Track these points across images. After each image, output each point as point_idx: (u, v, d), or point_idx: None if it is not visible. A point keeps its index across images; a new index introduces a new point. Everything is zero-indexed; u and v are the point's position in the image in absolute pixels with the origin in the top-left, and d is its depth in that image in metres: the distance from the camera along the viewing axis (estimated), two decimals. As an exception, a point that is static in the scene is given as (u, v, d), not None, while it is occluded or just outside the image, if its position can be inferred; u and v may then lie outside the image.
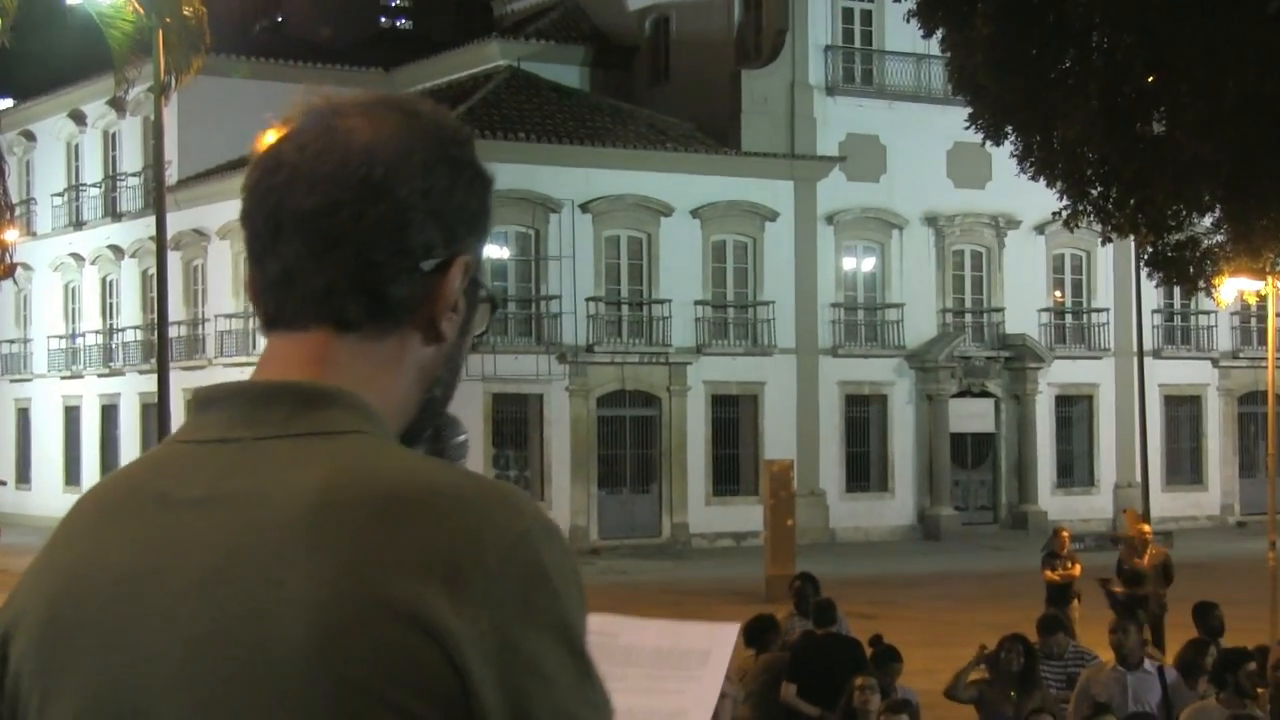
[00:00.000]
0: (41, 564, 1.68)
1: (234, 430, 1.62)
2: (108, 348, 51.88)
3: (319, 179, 1.65)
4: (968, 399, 44.36)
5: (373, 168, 1.64)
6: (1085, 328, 46.47)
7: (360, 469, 1.55)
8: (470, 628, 1.48)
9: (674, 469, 40.85)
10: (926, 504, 43.82)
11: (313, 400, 1.61)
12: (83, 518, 1.67)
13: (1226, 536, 42.70)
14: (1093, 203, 23.90)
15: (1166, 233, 24.35)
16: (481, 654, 1.48)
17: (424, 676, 1.47)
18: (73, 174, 54.52)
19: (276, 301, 1.68)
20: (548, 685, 1.52)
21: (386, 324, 1.67)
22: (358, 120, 1.68)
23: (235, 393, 1.66)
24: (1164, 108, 22.03)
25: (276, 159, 1.69)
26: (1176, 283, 26.92)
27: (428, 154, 1.68)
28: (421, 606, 1.47)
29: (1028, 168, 24.14)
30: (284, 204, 1.66)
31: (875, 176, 43.38)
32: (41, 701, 1.59)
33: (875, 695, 10.55)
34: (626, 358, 40.46)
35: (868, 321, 43.76)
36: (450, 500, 1.54)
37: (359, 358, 1.66)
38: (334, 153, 1.66)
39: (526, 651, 1.51)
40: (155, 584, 1.56)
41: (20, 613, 1.64)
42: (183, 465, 1.63)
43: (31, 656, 1.61)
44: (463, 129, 1.76)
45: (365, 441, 1.60)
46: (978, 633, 16.68)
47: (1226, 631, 13.83)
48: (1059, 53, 22.40)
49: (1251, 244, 23.53)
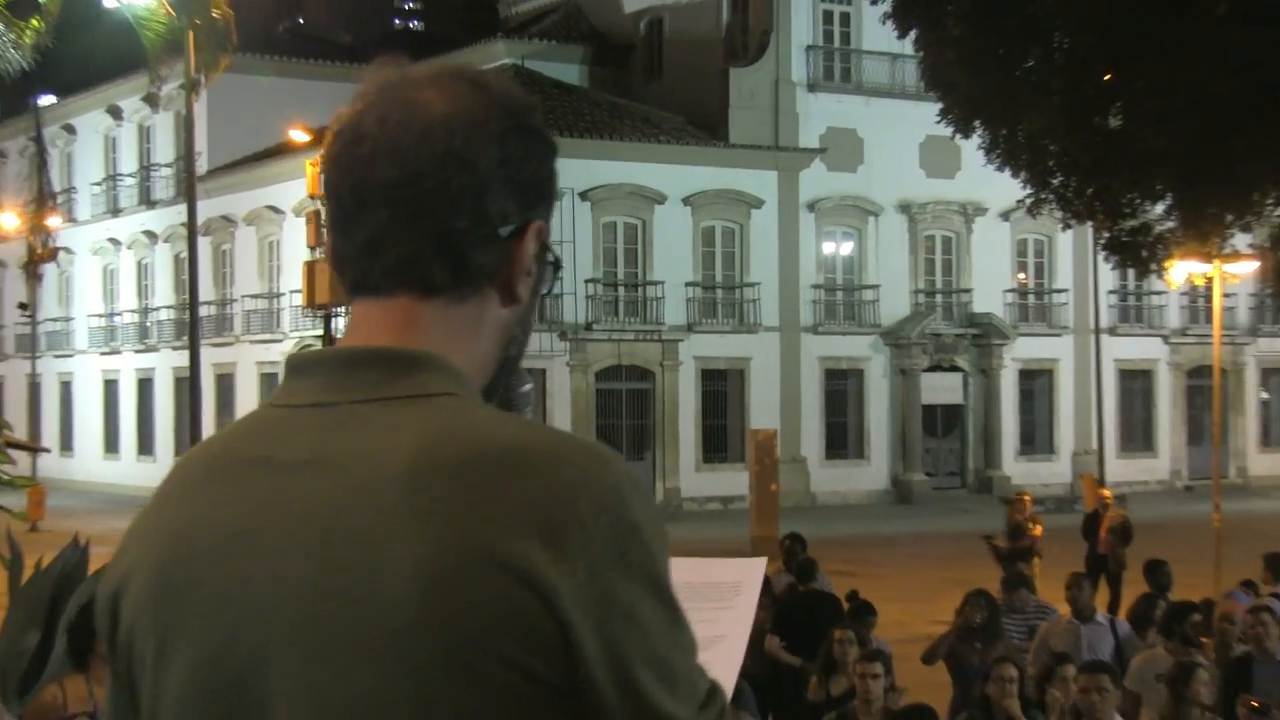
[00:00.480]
0: (147, 526, 1.65)
1: (329, 395, 1.60)
2: (143, 326, 51.88)
3: (402, 150, 1.62)
4: (938, 373, 44.40)
5: (453, 138, 1.62)
6: (1046, 307, 46.49)
7: (456, 430, 1.54)
8: (569, 580, 1.46)
9: (666, 438, 40.89)
10: (900, 470, 43.89)
11: (404, 364, 1.59)
12: (186, 481, 1.65)
13: (1175, 500, 42.77)
14: (1054, 191, 23.93)
15: (1122, 219, 24.38)
16: (580, 604, 1.47)
17: (527, 628, 1.45)
18: (110, 165, 54.44)
19: (363, 268, 1.65)
20: (643, 632, 1.50)
21: (467, 289, 1.64)
22: (433, 93, 1.65)
23: (328, 359, 1.65)
24: (1121, 103, 22.04)
25: (358, 132, 1.65)
26: (1131, 265, 26.92)
27: (502, 124, 1.65)
28: (523, 561, 1.46)
29: (994, 159, 24.16)
30: (369, 175, 1.63)
31: (853, 167, 43.34)
32: (157, 655, 1.58)
33: (853, 647, 10.56)
34: (623, 335, 40.48)
35: (846, 301, 43.77)
36: (544, 457, 1.52)
37: (443, 321, 1.64)
38: (415, 124, 1.63)
39: (622, 601, 1.49)
40: (264, 544, 1.54)
41: (128, 573, 1.63)
42: (282, 429, 1.61)
43: (144, 613, 1.60)
44: (530, 99, 1.73)
45: (457, 403, 1.58)
46: (947, 588, 16.73)
47: (1174, 586, 13.85)
48: (1024, 52, 22.40)
49: (1200, 230, 23.59)
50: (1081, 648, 11.27)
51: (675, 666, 1.53)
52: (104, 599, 1.66)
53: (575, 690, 1.47)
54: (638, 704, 1.49)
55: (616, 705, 1.48)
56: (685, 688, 1.54)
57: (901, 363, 43.87)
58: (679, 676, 1.53)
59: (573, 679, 1.47)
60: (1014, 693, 9.51)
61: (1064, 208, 24.40)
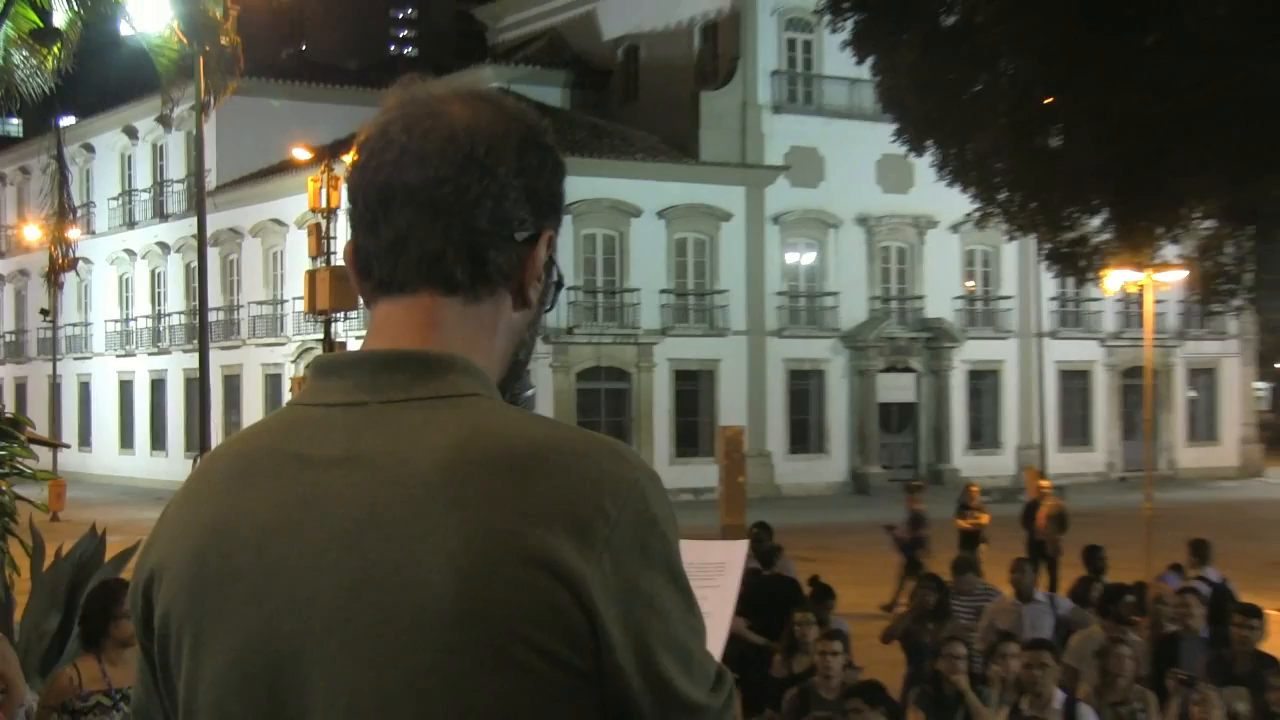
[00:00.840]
0: (180, 518, 1.63)
1: (360, 395, 1.58)
2: (156, 330, 51.73)
3: (428, 155, 1.61)
4: (893, 374, 44.45)
5: (475, 146, 1.61)
6: (993, 312, 46.56)
7: (485, 430, 1.52)
8: (595, 570, 1.46)
9: (642, 434, 40.87)
10: (858, 463, 43.94)
11: (433, 366, 1.58)
12: (219, 475, 1.63)
13: (1110, 490, 42.84)
14: (1000, 205, 23.95)
15: (1061, 231, 24.41)
16: (606, 594, 1.46)
17: (557, 616, 1.45)
18: (126, 181, 54.27)
19: (389, 266, 1.63)
20: (664, 619, 1.50)
21: (484, 289, 1.63)
22: (457, 106, 1.65)
23: (360, 361, 1.62)
24: (1061, 125, 22.09)
25: (385, 138, 1.64)
26: (1070, 274, 26.93)
27: (520, 137, 1.65)
28: (552, 553, 1.45)
29: (945, 175, 24.17)
30: (396, 178, 1.61)
31: (815, 183, 43.37)
32: (194, 643, 1.56)
33: (813, 627, 10.57)
34: (602, 338, 40.46)
35: (808, 307, 43.80)
36: (570, 456, 1.51)
37: (463, 321, 1.63)
38: (440, 132, 1.62)
39: (644, 590, 1.49)
40: (302, 537, 1.52)
41: (163, 561, 1.61)
42: (314, 427, 1.58)
43: (181, 601, 1.57)
44: (543, 120, 1.71)
45: (485, 404, 1.57)
46: (901, 573, 16.72)
47: (1109, 570, 13.89)
48: (972, 77, 22.42)
49: (1133, 241, 23.65)
50: (1024, 626, 11.30)
51: (692, 651, 1.54)
52: (137, 586, 1.64)
53: (601, 675, 1.47)
54: (660, 687, 1.49)
55: (640, 689, 1.48)
56: (700, 671, 1.54)
57: (859, 364, 43.93)
58: (695, 660, 1.54)
59: (599, 664, 1.47)
60: (962, 669, 9.56)
61: (1009, 221, 24.43)
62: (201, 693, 1.56)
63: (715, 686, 1.56)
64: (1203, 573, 13.56)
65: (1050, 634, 11.13)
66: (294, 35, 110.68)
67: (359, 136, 1.68)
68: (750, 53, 42.67)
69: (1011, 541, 20.28)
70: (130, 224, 53.56)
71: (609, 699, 1.48)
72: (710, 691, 1.55)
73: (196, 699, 1.56)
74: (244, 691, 1.53)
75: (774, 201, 42.81)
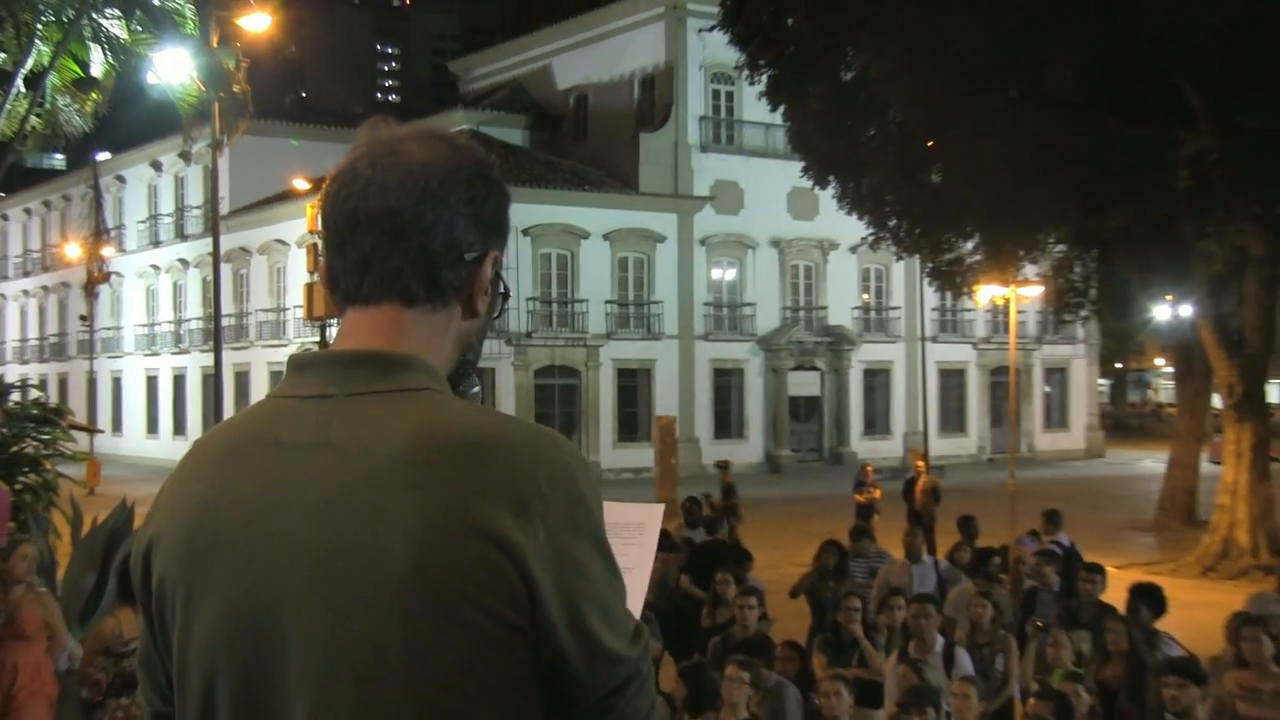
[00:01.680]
0: (174, 495, 1.61)
1: (330, 388, 1.56)
2: (178, 334, 51.21)
3: (389, 188, 1.60)
4: (801, 372, 44.55)
5: (429, 179, 1.60)
6: (884, 320, 46.76)
7: (438, 420, 1.51)
8: (532, 541, 1.46)
9: (590, 423, 40.81)
10: (772, 447, 44.03)
11: (393, 364, 1.57)
12: (209, 457, 1.61)
13: (981, 469, 43.18)
14: (890, 231, 24.10)
15: (941, 253, 24.61)
16: (541, 562, 1.46)
17: (500, 581, 1.45)
18: (152, 206, 53.69)
19: (355, 281, 1.62)
20: (590, 583, 1.50)
21: (438, 301, 1.62)
22: (415, 145, 1.63)
23: (329, 358, 1.60)
24: (940, 164, 22.23)
25: (353, 172, 1.63)
26: (948, 288, 27.14)
27: (469, 172, 1.64)
28: (497, 527, 1.45)
29: (845, 205, 24.28)
30: (361, 206, 1.60)
31: (736, 211, 43.43)
32: (186, 603, 1.56)
33: (731, 586, 10.60)
34: (555, 341, 40.36)
35: (730, 316, 43.83)
36: (511, 443, 1.50)
37: (418, 328, 1.61)
38: (399, 168, 1.61)
39: (574, 558, 1.49)
40: (280, 512, 1.52)
41: (160, 532, 1.60)
42: (290, 416, 1.57)
43: (175, 567, 1.56)
44: (490, 156, 1.70)
45: (438, 397, 1.56)
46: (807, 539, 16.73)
47: (980, 536, 13.98)
48: (867, 123, 22.54)
49: (999, 262, 23.86)
50: (913, 583, 11.38)
51: (614, 609, 1.53)
52: (138, 554, 1.64)
53: (536, 631, 1.47)
54: (586, 640, 1.49)
55: (570, 642, 1.48)
56: (620, 626, 1.54)
57: (773, 364, 44.04)
58: (616, 617, 1.54)
59: (534, 622, 1.47)
60: (858, 619, 9.61)
61: (897, 244, 24.59)
62: (193, 646, 1.56)
63: (633, 639, 1.56)
64: (1055, 538, 13.68)
65: (934, 589, 11.21)
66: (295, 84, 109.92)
67: (330, 171, 1.67)
68: (682, 101, 42.69)
69: (899, 513, 20.36)
70: (156, 243, 53.00)
71: (543, 652, 1.48)
72: (630, 643, 1.55)
73: (189, 651, 1.56)
74: (230, 645, 1.52)
75: (701, 226, 42.84)
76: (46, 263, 60.60)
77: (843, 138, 22.29)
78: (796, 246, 44.55)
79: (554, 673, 1.50)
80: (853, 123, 22.21)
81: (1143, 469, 41.93)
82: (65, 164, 69.55)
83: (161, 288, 52.94)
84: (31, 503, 10.38)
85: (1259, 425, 20.72)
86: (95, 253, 41.63)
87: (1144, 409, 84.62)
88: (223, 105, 19.12)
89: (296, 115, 53.46)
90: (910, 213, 23.07)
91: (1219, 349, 20.90)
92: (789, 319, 44.54)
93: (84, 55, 16.79)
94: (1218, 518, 20.96)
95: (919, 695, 6.99)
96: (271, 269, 45.93)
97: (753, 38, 22.15)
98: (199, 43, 17.07)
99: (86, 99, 17.38)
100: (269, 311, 45.68)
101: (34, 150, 19.07)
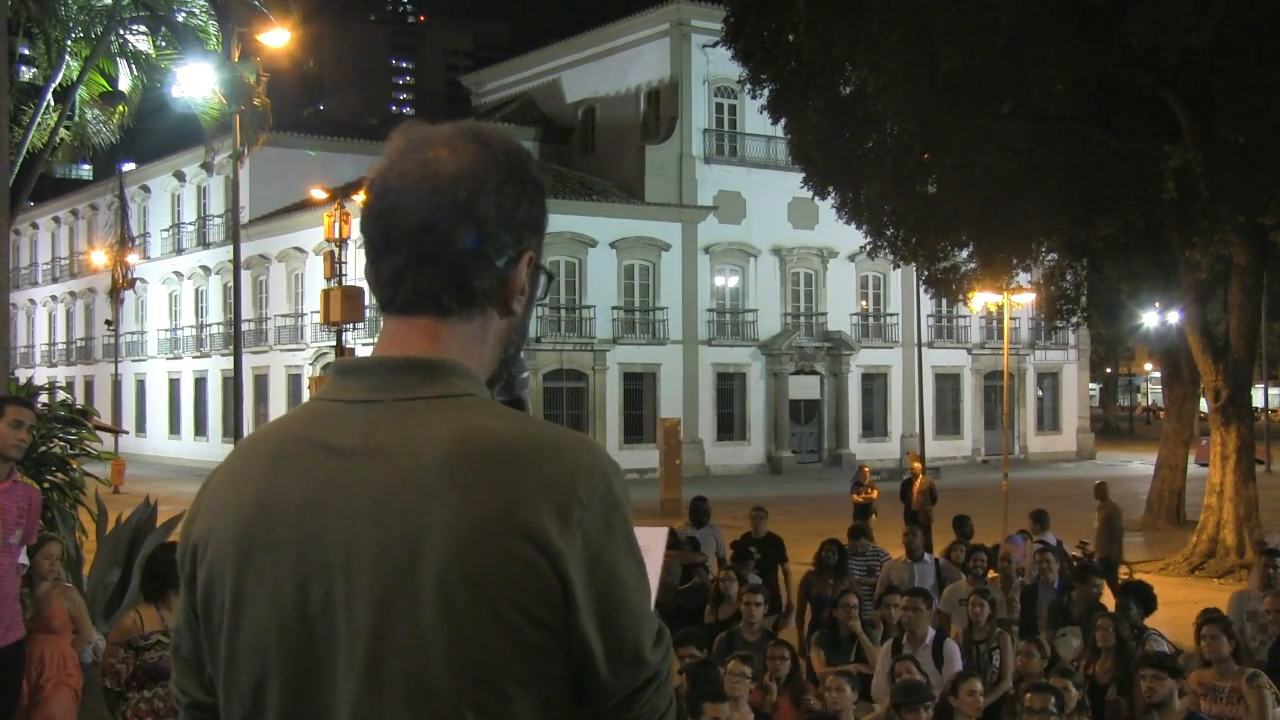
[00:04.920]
0: (224, 492, 1.61)
1: (376, 393, 1.55)
2: (199, 338, 51.30)
3: (419, 204, 1.57)
4: (801, 376, 44.55)
5: (458, 193, 1.57)
6: (882, 326, 46.77)
7: (481, 425, 1.51)
8: (571, 545, 1.46)
9: (597, 425, 40.82)
10: (773, 448, 44.02)
11: (436, 371, 1.56)
12: (258, 458, 1.60)
13: (975, 470, 43.18)
14: (887, 240, 24.06)
15: (937, 261, 24.59)
16: (578, 564, 1.46)
17: (538, 583, 1.45)
18: (175, 215, 53.77)
19: (391, 293, 1.61)
20: (623, 586, 1.51)
21: (473, 309, 1.61)
22: (445, 152, 1.59)
23: (374, 364, 1.59)
24: (935, 176, 22.22)
25: (384, 186, 1.60)
26: (943, 295, 27.14)
27: (500, 177, 1.60)
28: (538, 530, 1.45)
29: (844, 215, 24.24)
30: (393, 223, 1.58)
31: (738, 220, 43.45)
32: (235, 598, 1.55)
33: (733, 583, 10.61)
34: (564, 346, 40.39)
35: (732, 321, 43.85)
36: (551, 449, 1.50)
37: (455, 335, 1.60)
38: (428, 182, 1.57)
39: (609, 561, 1.49)
40: (330, 513, 1.52)
41: (208, 531, 1.59)
42: (337, 420, 1.56)
43: (226, 564, 1.56)
44: (523, 150, 1.66)
45: (479, 403, 1.56)
46: (807, 538, 16.70)
47: (974, 535, 13.99)
48: (865, 136, 22.52)
49: (993, 270, 23.87)
50: (913, 580, 11.40)
51: (643, 611, 1.54)
52: (184, 551, 1.63)
53: (568, 632, 1.47)
54: (615, 643, 1.50)
55: (598, 645, 1.49)
56: (647, 630, 1.54)
57: (774, 368, 44.04)
58: (644, 619, 1.54)
59: (567, 623, 1.47)
60: (855, 615, 9.63)
61: (894, 252, 24.56)
62: (242, 641, 1.55)
63: (658, 641, 1.56)
64: (1042, 537, 13.66)
65: (932, 586, 11.23)
66: (313, 97, 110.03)
67: (367, 180, 1.65)
68: (686, 114, 42.73)
69: (896, 512, 20.33)
70: (178, 251, 53.05)
71: (573, 652, 1.48)
72: (654, 647, 1.55)
73: (238, 646, 1.56)
74: (281, 640, 1.53)
75: (705, 235, 42.87)
76: (74, 269, 60.73)
77: (841, 150, 22.28)
78: (797, 255, 44.57)
79: (580, 673, 1.50)
80: (851, 136, 22.21)
81: (1132, 470, 41.87)
82: (92, 174, 69.79)
83: (184, 293, 53.02)
84: (59, 501, 10.40)
85: (1244, 428, 20.70)
86: (120, 260, 41.67)
87: (1137, 412, 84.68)
88: (243, 118, 19.16)
89: (314, 127, 53.54)
90: (906, 222, 23.06)
91: (1205, 354, 20.88)
92: (790, 325, 44.54)
93: (111, 70, 16.84)
94: (1204, 518, 20.93)
95: (915, 693, 6.99)
96: (290, 275, 45.99)
97: (754, 54, 22.16)
98: (221, 58, 17.10)
99: (113, 112, 17.43)
100: (287, 317, 45.74)
101: (63, 161, 19.11)
